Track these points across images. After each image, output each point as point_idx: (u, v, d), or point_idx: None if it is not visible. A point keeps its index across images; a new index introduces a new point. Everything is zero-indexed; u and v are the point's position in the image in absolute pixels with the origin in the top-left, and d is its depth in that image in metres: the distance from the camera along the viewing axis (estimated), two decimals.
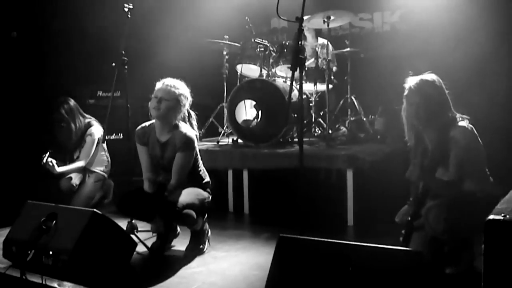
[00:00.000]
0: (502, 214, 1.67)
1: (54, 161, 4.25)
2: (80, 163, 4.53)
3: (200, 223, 3.40)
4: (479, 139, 2.92)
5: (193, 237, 3.47)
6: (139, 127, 3.49)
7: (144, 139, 3.44)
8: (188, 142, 3.32)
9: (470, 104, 3.72)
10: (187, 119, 3.49)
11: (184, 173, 3.34)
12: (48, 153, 4.21)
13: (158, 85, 3.36)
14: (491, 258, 1.66)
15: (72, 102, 4.61)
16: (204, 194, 3.46)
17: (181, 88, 3.37)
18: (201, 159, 3.57)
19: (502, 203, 1.90)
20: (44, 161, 4.18)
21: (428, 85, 2.89)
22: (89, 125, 4.60)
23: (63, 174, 4.44)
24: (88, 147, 4.55)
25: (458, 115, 2.92)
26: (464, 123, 2.88)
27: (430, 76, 2.93)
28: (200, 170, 3.53)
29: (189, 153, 3.33)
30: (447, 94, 2.93)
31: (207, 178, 3.56)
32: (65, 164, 4.50)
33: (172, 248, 3.58)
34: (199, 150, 3.52)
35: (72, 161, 4.59)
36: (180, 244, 3.59)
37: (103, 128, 4.62)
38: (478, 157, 2.90)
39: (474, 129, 2.90)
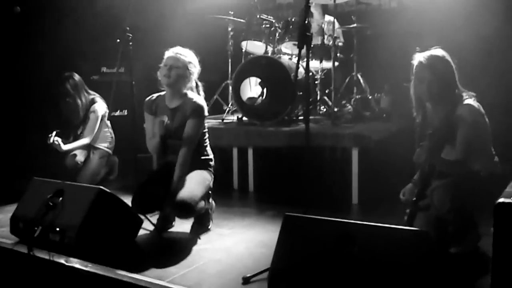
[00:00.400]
0: None
1: (60, 140, 4.29)
2: (85, 140, 4.56)
3: (204, 206, 3.38)
4: (486, 118, 2.89)
5: (197, 217, 3.48)
6: (148, 97, 3.50)
7: (152, 108, 3.45)
8: (199, 109, 3.31)
9: (477, 83, 3.68)
10: (195, 89, 3.49)
11: (194, 141, 3.32)
12: (54, 132, 4.26)
13: (168, 53, 3.37)
14: (500, 241, 1.66)
15: (77, 77, 4.63)
16: (209, 178, 3.44)
17: (190, 56, 3.39)
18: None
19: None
20: (51, 140, 4.23)
21: (438, 60, 2.84)
22: (93, 101, 4.62)
23: (68, 151, 4.47)
24: (92, 124, 4.57)
25: (464, 93, 2.88)
26: (471, 100, 2.85)
27: (439, 51, 2.88)
28: (206, 145, 3.51)
29: (199, 120, 3.32)
30: (455, 70, 2.89)
31: (211, 155, 3.55)
32: (69, 140, 4.54)
33: (178, 226, 3.59)
34: None
35: (76, 137, 4.61)
36: (185, 222, 3.61)
37: (107, 105, 4.62)
38: (484, 136, 2.88)
39: (481, 107, 2.87)
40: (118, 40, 3.71)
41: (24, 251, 2.89)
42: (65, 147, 4.40)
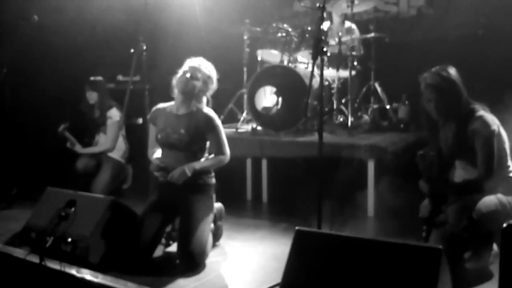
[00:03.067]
0: None
1: (68, 134, 4.57)
2: (105, 145, 4.66)
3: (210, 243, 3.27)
4: (501, 128, 2.81)
5: None
6: (155, 107, 3.43)
7: (155, 119, 3.37)
8: (215, 120, 3.27)
9: (496, 94, 3.60)
10: (205, 105, 3.44)
11: (225, 146, 3.29)
12: (62, 126, 4.58)
13: (191, 62, 3.30)
14: (507, 264, 1.61)
15: (102, 78, 4.79)
16: (212, 208, 3.29)
17: (212, 72, 3.33)
18: None
19: None
20: (60, 129, 4.52)
21: (443, 80, 2.82)
22: (110, 106, 4.69)
23: (79, 156, 4.67)
24: (111, 130, 4.63)
25: (476, 105, 2.84)
26: (483, 112, 2.80)
27: (443, 69, 2.85)
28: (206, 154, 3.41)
29: (220, 128, 3.28)
30: (462, 86, 2.85)
31: (213, 173, 3.41)
32: (84, 145, 4.71)
33: None
34: None
35: (90, 145, 4.71)
36: None
37: (122, 114, 4.65)
38: (500, 148, 2.79)
39: (495, 118, 2.81)
40: (132, 50, 3.72)
41: (36, 261, 2.89)
42: (84, 150, 4.64)
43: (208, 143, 3.35)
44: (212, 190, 3.34)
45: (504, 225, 1.95)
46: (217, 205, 3.46)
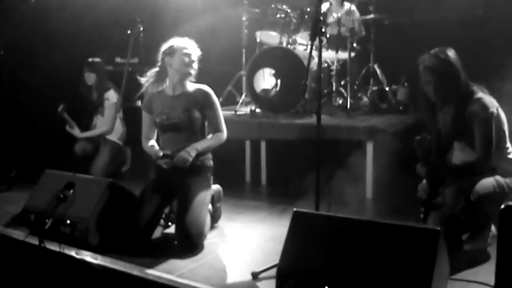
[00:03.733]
0: None
1: (67, 115, 4.57)
2: (102, 128, 4.65)
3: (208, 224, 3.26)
4: (501, 110, 2.80)
5: None
6: (147, 94, 3.39)
7: (148, 106, 3.36)
8: (212, 95, 3.28)
9: (496, 76, 3.57)
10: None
11: (223, 122, 3.31)
12: (62, 106, 4.57)
13: (187, 42, 3.28)
14: (505, 245, 1.62)
15: (100, 60, 4.73)
16: (210, 190, 3.31)
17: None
18: None
19: None
20: (60, 109, 4.51)
21: (441, 62, 2.79)
22: (107, 88, 4.67)
23: (77, 139, 4.65)
24: (108, 112, 4.62)
25: (475, 87, 2.81)
26: (481, 94, 2.78)
27: (442, 51, 2.82)
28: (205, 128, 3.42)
29: (218, 104, 3.30)
30: (461, 68, 2.82)
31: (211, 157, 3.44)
32: (82, 127, 4.69)
33: None
34: None
35: (88, 128, 4.72)
36: None
37: (119, 95, 4.65)
38: (499, 130, 2.78)
39: (493, 100, 2.79)
40: (129, 32, 3.69)
41: (35, 243, 2.91)
42: (82, 134, 4.62)
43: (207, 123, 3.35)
44: (209, 172, 3.35)
45: (502, 206, 1.96)
46: (215, 187, 3.47)
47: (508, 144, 2.85)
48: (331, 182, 3.36)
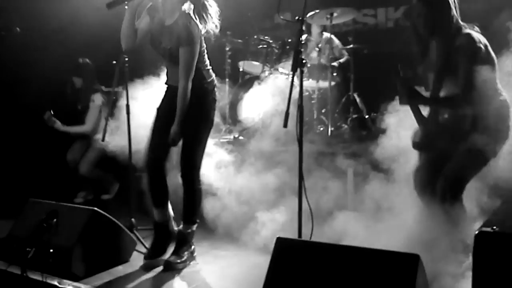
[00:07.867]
0: (493, 227, 1.67)
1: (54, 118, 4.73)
2: (84, 127, 4.82)
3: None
4: (489, 48, 2.75)
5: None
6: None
7: (154, 12, 3.22)
8: (190, 35, 3.08)
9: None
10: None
11: (191, 69, 3.15)
12: (50, 111, 4.71)
13: None
14: (479, 271, 1.66)
15: (90, 63, 4.93)
16: (209, 122, 3.39)
17: None
18: None
19: (494, 214, 1.92)
20: (46, 117, 4.67)
21: None
22: (95, 90, 4.86)
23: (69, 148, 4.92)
24: (92, 113, 4.81)
25: (465, 25, 2.80)
26: (470, 30, 2.76)
27: None
28: (204, 69, 3.33)
29: (192, 47, 3.12)
30: (454, 4, 2.81)
31: (212, 76, 3.42)
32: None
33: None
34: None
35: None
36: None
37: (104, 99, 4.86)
38: (486, 67, 2.70)
39: (482, 37, 2.75)
40: (115, 62, 3.75)
41: (18, 273, 2.88)
42: (64, 128, 4.77)
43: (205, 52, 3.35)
44: (212, 95, 3.38)
45: (476, 232, 1.94)
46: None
47: (499, 86, 2.79)
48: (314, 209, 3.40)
